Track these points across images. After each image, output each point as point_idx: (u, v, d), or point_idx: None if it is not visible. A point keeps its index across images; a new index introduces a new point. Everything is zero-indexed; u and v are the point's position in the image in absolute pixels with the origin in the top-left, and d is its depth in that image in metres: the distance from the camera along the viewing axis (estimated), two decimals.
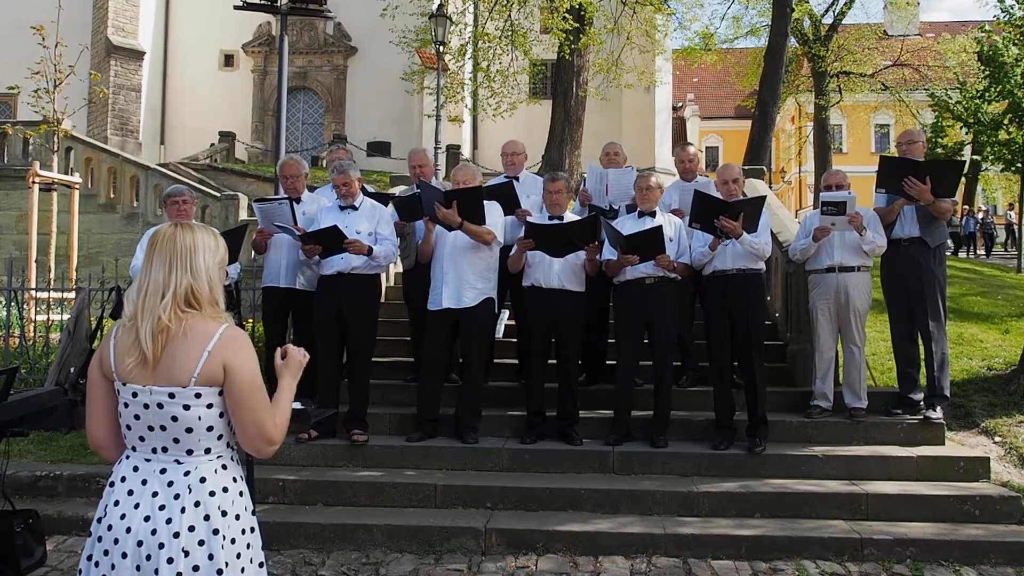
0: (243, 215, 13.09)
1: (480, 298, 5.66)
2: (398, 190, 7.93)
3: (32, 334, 8.23)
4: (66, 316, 8.21)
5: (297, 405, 3.53)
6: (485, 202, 5.62)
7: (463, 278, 5.63)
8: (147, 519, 2.14)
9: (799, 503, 5.04)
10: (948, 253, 21.02)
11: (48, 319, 8.32)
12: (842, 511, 4.98)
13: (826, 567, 4.47)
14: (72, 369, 6.67)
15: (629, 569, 4.46)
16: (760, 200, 5.63)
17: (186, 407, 2.17)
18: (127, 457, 2.25)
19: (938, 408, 5.83)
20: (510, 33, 17.66)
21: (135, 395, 2.19)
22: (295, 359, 2.40)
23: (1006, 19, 14.89)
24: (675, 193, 6.62)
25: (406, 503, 5.15)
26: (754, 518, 4.95)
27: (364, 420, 5.75)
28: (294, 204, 5.98)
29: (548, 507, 5.08)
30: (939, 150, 22.20)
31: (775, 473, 5.38)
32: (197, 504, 2.16)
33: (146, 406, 2.18)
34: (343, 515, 5.01)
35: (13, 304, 8.18)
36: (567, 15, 15.85)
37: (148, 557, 2.11)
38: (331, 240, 5.51)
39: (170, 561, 2.10)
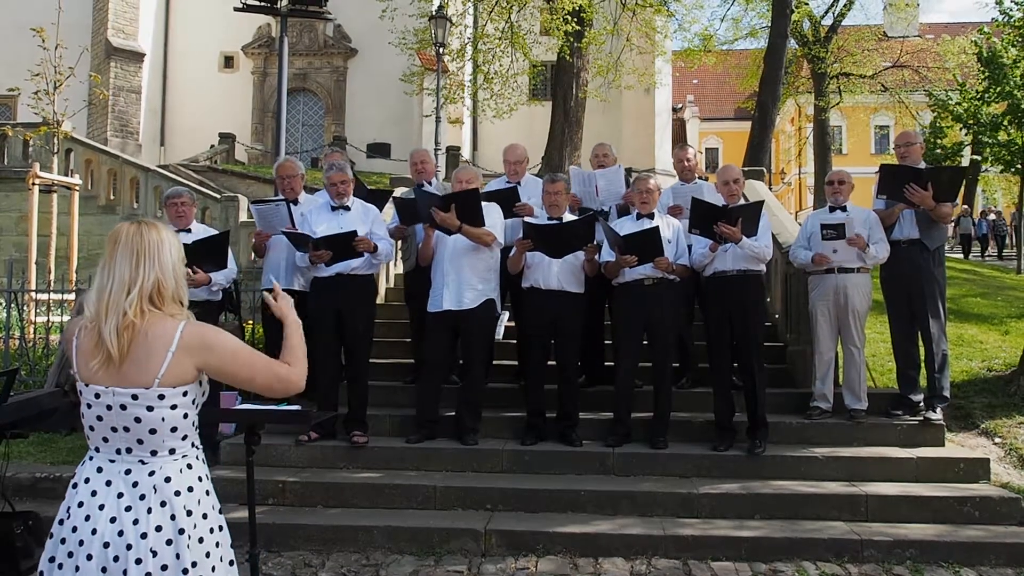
0: (243, 216, 13.10)
1: (481, 299, 5.66)
2: (400, 191, 7.93)
3: (32, 336, 8.22)
4: (66, 318, 8.21)
5: (297, 407, 3.55)
6: (484, 203, 5.63)
7: (464, 280, 5.63)
8: (113, 520, 2.13)
9: (799, 504, 5.04)
10: (972, 255, 20.86)
11: (48, 321, 8.30)
12: (842, 512, 4.98)
13: (826, 568, 4.46)
14: (72, 371, 6.66)
15: (629, 570, 4.46)
16: (758, 205, 5.64)
17: (149, 408, 2.16)
18: (90, 459, 2.24)
19: (938, 409, 5.83)
20: (510, 35, 17.67)
21: (97, 396, 2.18)
22: (284, 297, 2.48)
23: (1005, 21, 14.91)
24: (669, 194, 6.63)
25: (406, 505, 5.15)
26: (754, 519, 4.95)
27: (364, 421, 5.75)
28: (291, 205, 5.97)
29: (548, 509, 5.08)
30: (938, 151, 22.21)
31: (775, 474, 5.37)
32: (163, 504, 2.15)
33: (108, 408, 2.17)
34: (343, 517, 5.01)
35: (13, 306, 8.17)
36: (567, 16, 15.86)
37: (116, 559, 2.10)
38: (344, 245, 5.47)
39: (138, 562, 2.09)
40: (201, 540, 2.18)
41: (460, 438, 5.70)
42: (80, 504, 2.16)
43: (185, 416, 2.21)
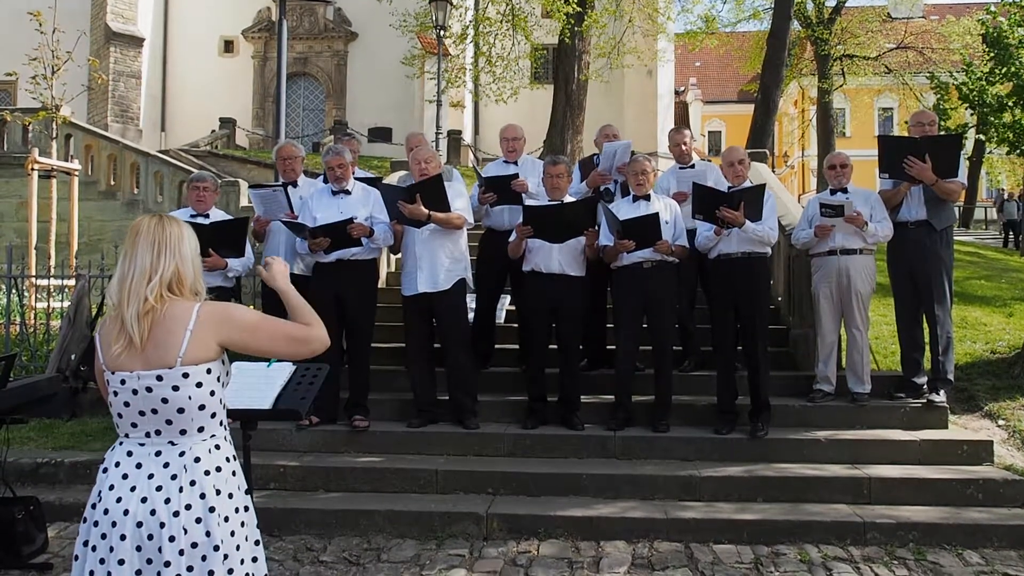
0: (243, 201, 13.04)
1: (454, 279, 5.66)
2: (396, 177, 7.89)
3: (33, 321, 8.22)
4: (66, 303, 8.20)
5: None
6: (449, 184, 5.62)
7: (437, 261, 5.61)
8: (144, 500, 2.18)
9: (801, 487, 5.02)
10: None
11: (48, 306, 8.30)
12: (845, 495, 4.96)
13: (828, 551, 4.45)
14: (72, 356, 6.65)
15: (631, 554, 4.45)
16: (760, 188, 5.59)
17: (175, 388, 2.20)
18: (120, 444, 2.29)
19: (941, 392, 5.79)
20: (511, 17, 17.54)
21: (123, 382, 2.23)
22: (276, 267, 2.48)
23: (1011, 0, 14.75)
24: (672, 178, 6.55)
25: (407, 489, 5.14)
26: (756, 503, 4.93)
27: (365, 406, 5.74)
28: (288, 190, 5.94)
29: (550, 492, 5.07)
30: (942, 132, 22.07)
31: (777, 457, 5.36)
32: (193, 483, 2.20)
33: (135, 391, 2.22)
34: (344, 501, 5.00)
35: (13, 291, 8.16)
36: None
37: (150, 537, 2.15)
38: (341, 233, 5.45)
39: (172, 539, 2.15)
40: (227, 519, 2.23)
41: (461, 422, 5.69)
42: (111, 487, 2.21)
43: (212, 394, 2.25)
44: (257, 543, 2.34)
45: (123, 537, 2.15)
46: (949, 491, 4.95)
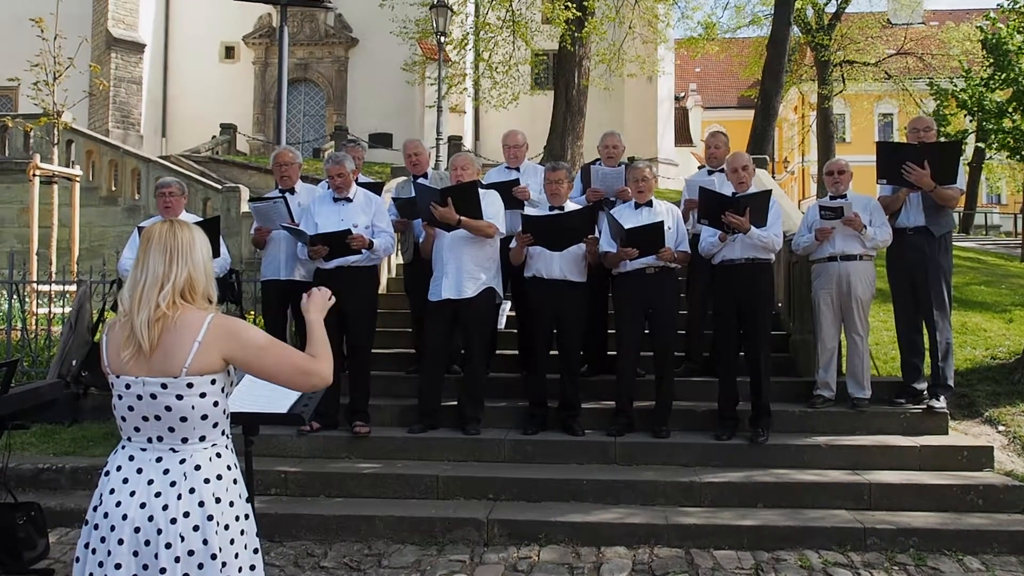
0: (244, 207, 13.09)
1: (481, 288, 5.63)
2: (395, 183, 7.91)
3: (34, 327, 8.23)
4: (68, 309, 8.21)
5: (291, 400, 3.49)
6: (484, 192, 5.60)
7: (464, 269, 5.61)
8: (143, 506, 2.18)
9: (802, 493, 5.02)
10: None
11: (50, 312, 8.31)
12: (845, 501, 4.97)
13: (829, 557, 4.46)
14: (74, 362, 6.67)
15: (631, 559, 4.45)
16: (766, 194, 5.60)
17: (179, 397, 2.21)
18: (122, 447, 2.30)
19: (942, 397, 5.80)
20: (511, 23, 17.58)
21: (128, 387, 2.24)
22: (317, 296, 2.55)
23: (1011, 6, 14.77)
24: (691, 189, 6.52)
25: (408, 494, 5.15)
26: (757, 508, 4.94)
27: (366, 412, 5.75)
28: (288, 198, 5.94)
29: (550, 498, 5.07)
30: (942, 139, 22.06)
31: (778, 463, 5.36)
32: (192, 491, 2.20)
33: (139, 397, 2.23)
34: (345, 506, 5.01)
35: (15, 297, 8.18)
36: (568, 4, 15.77)
37: (147, 543, 2.16)
38: (340, 242, 5.47)
39: (168, 546, 2.15)
40: (227, 527, 2.23)
41: (462, 428, 5.69)
42: (112, 491, 2.22)
43: (215, 404, 2.26)
44: (256, 552, 2.34)
45: (120, 541, 2.16)
46: (949, 497, 4.95)
